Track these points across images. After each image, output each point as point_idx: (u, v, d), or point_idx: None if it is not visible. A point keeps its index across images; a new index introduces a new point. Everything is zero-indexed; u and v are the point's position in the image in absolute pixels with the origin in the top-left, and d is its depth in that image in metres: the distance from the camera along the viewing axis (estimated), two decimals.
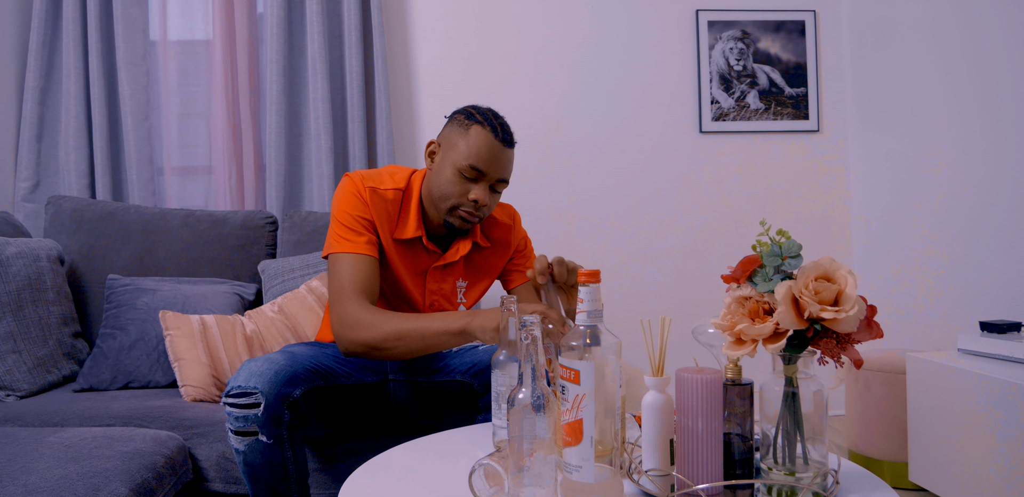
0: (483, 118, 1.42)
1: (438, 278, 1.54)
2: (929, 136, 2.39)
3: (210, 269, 2.14)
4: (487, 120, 1.42)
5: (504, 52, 2.74)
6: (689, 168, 2.84)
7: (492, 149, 1.40)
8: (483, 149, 1.40)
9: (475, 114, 1.43)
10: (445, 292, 1.55)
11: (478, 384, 1.43)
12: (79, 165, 2.44)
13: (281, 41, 2.52)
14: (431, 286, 1.54)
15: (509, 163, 1.43)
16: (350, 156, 2.56)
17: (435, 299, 1.54)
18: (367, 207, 1.43)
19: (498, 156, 1.40)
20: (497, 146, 1.40)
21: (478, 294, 1.61)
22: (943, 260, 2.33)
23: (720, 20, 2.85)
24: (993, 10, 2.10)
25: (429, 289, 1.53)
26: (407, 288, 1.50)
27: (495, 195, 1.46)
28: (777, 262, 0.90)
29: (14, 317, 1.78)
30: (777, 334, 0.89)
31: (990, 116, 2.12)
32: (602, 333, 0.89)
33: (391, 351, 1.30)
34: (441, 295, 1.55)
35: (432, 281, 1.53)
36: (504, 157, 1.41)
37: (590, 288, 0.90)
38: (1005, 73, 2.06)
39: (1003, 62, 2.07)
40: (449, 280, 1.55)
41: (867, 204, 2.79)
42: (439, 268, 1.53)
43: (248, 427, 1.26)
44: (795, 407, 0.93)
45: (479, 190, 1.41)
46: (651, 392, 0.96)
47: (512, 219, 1.64)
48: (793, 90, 2.88)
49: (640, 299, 2.80)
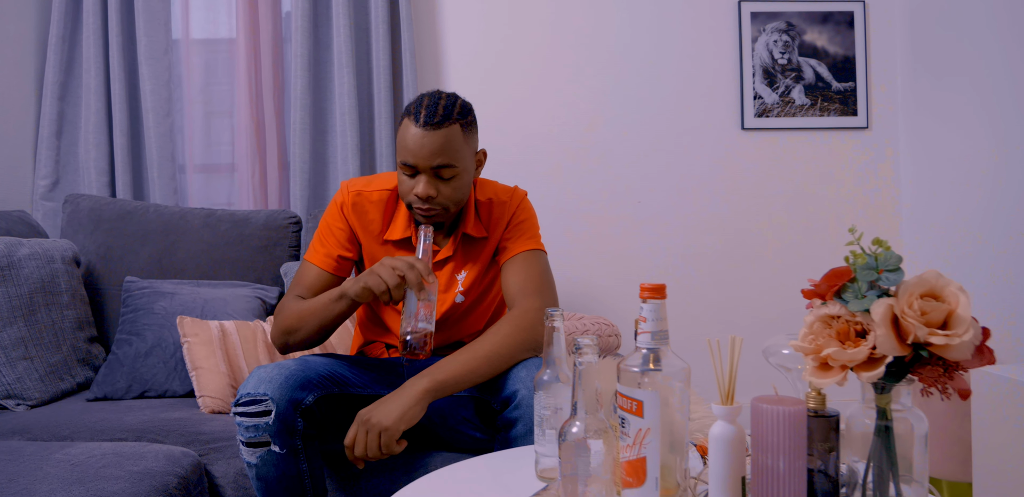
0: (412, 107, 1.34)
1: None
2: (990, 134, 2.24)
3: (231, 271, 2.05)
4: (414, 108, 1.33)
5: (536, 45, 2.62)
6: (729, 167, 2.70)
7: (414, 138, 1.30)
8: (407, 141, 1.31)
9: (410, 105, 1.36)
10: (442, 286, 1.47)
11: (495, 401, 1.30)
12: (99, 162, 2.37)
13: (306, 34, 2.42)
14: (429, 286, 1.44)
15: (439, 147, 1.30)
16: (377, 154, 2.46)
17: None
18: (344, 217, 1.46)
19: (422, 143, 1.29)
20: (418, 133, 1.30)
21: (477, 282, 1.48)
22: (1004, 266, 2.18)
23: (764, 11, 2.71)
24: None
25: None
26: None
27: (447, 183, 1.34)
28: (872, 276, 0.78)
29: (26, 322, 1.70)
30: (872, 360, 0.76)
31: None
32: (668, 357, 0.78)
33: (299, 333, 1.33)
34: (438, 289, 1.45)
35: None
36: (429, 142, 1.29)
37: (654, 305, 0.78)
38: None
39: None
40: (445, 273, 1.47)
41: (919, 205, 2.64)
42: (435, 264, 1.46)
43: (260, 437, 1.18)
44: (888, 443, 0.81)
45: (419, 184, 1.33)
46: (720, 423, 0.84)
47: (510, 196, 1.50)
48: (841, 85, 2.73)
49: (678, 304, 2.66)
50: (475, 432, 1.37)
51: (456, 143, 1.32)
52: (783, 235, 2.70)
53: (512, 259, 1.43)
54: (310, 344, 1.35)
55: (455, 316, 1.48)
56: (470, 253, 1.48)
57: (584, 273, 2.63)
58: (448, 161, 1.31)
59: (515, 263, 1.42)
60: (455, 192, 1.35)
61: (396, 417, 1.15)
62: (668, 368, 0.77)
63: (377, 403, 1.18)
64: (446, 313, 1.46)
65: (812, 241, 2.71)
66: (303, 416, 1.20)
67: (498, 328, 1.28)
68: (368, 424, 1.15)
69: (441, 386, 1.20)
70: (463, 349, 1.26)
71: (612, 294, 2.65)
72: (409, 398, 1.17)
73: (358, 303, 1.27)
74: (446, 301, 1.46)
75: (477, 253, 1.48)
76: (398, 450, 1.16)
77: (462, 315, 1.49)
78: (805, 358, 0.83)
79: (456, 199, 1.36)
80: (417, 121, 1.30)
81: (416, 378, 1.21)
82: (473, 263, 1.47)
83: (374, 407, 1.17)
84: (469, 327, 1.52)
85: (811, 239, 2.71)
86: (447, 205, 1.35)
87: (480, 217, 1.48)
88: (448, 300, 1.46)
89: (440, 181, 1.33)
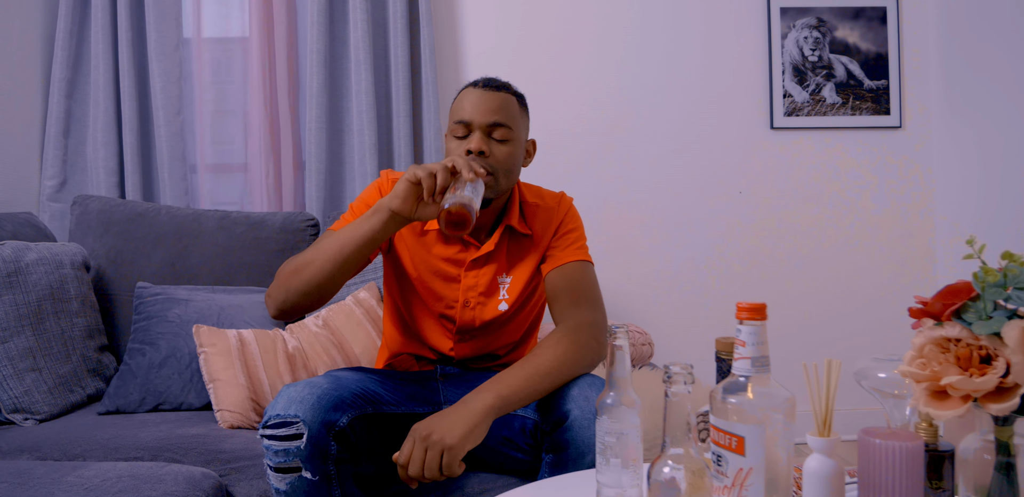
0: (470, 83, 1.38)
1: (475, 273, 1.37)
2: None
3: (247, 276, 1.96)
4: (473, 81, 1.38)
5: (558, 43, 2.53)
6: (758, 167, 2.61)
7: (472, 96, 1.33)
8: (464, 101, 1.34)
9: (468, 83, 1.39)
10: (483, 288, 1.38)
11: (545, 421, 1.22)
12: (108, 162, 2.28)
13: (322, 29, 2.33)
14: (467, 281, 1.37)
15: (497, 105, 1.32)
16: (395, 153, 2.37)
17: (471, 296, 1.37)
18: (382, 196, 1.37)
19: (480, 100, 1.32)
20: (477, 92, 1.33)
21: (523, 290, 1.40)
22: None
23: (793, 6, 2.62)
24: None
25: (465, 284, 1.37)
26: (438, 285, 1.36)
27: (500, 146, 1.32)
28: (1001, 295, 0.69)
29: (33, 331, 1.60)
30: (1002, 390, 0.68)
31: None
32: (770, 386, 0.69)
33: (311, 267, 1.21)
34: (479, 291, 1.37)
35: (469, 276, 1.37)
36: (487, 99, 1.32)
37: (753, 328, 0.69)
38: None
39: None
40: (488, 274, 1.38)
41: (955, 208, 2.55)
42: (476, 261, 1.37)
43: (290, 462, 1.08)
44: (1010, 480, 0.72)
45: (473, 140, 1.30)
46: (816, 456, 0.75)
47: (558, 202, 1.45)
48: (873, 83, 2.64)
49: (703, 309, 2.58)
50: (516, 453, 1.28)
51: (513, 110, 1.34)
52: (812, 238, 2.61)
53: (560, 269, 1.35)
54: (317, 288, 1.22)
55: (494, 325, 1.40)
56: (514, 254, 1.40)
57: (607, 276, 2.52)
58: (504, 120, 1.31)
59: (564, 273, 1.34)
60: (507, 157, 1.32)
61: (461, 435, 1.05)
62: (771, 399, 0.68)
63: (436, 418, 1.08)
64: (486, 323, 1.38)
65: (843, 244, 2.62)
66: (336, 439, 1.11)
67: (555, 342, 1.20)
68: (428, 441, 1.05)
69: (505, 403, 1.10)
70: (522, 364, 1.17)
71: (636, 299, 2.56)
72: (474, 414, 1.07)
73: (393, 220, 1.17)
74: (488, 310, 1.38)
75: (521, 256, 1.40)
76: (459, 472, 1.06)
77: (501, 324, 1.41)
78: (915, 385, 0.74)
79: (507, 166, 1.32)
80: (476, 85, 1.35)
81: (479, 392, 1.11)
82: (518, 267, 1.39)
83: (434, 422, 1.07)
84: (505, 338, 1.43)
85: (842, 242, 2.62)
86: (498, 169, 1.31)
87: (525, 218, 1.41)
88: (490, 309, 1.38)
89: (493, 141, 1.31)
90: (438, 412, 1.10)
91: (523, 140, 1.38)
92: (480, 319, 1.38)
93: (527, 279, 1.39)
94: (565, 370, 1.17)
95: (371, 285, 1.84)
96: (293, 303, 1.25)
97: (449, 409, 1.10)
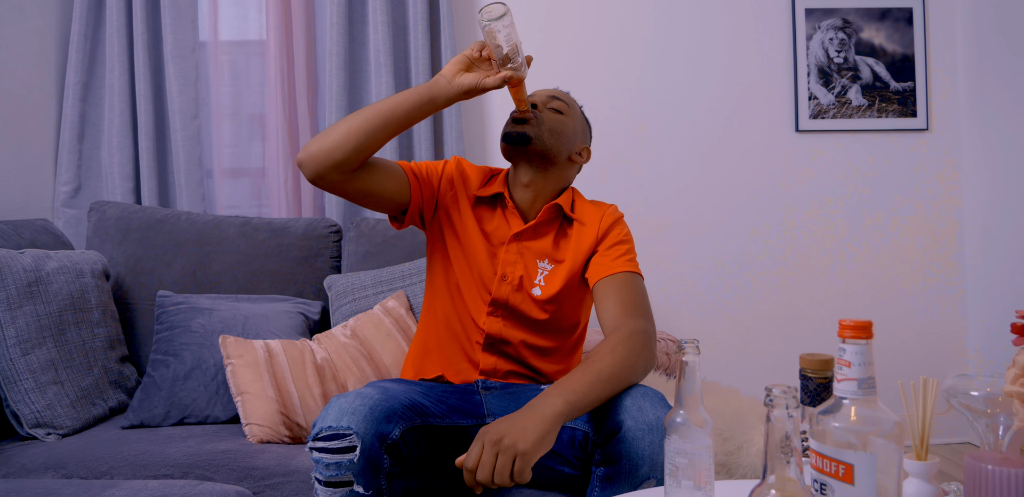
0: None
1: (517, 249, 1.36)
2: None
3: (270, 284, 1.91)
4: None
5: (579, 44, 2.49)
6: (783, 170, 2.57)
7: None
8: None
9: None
10: (521, 267, 1.35)
11: (597, 433, 1.17)
12: (123, 167, 2.23)
13: (341, 31, 2.29)
14: (507, 257, 1.35)
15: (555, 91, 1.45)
16: (416, 158, 2.33)
17: (508, 270, 1.35)
18: (443, 165, 1.43)
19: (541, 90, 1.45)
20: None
21: (560, 285, 1.35)
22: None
23: (819, 7, 2.58)
24: None
25: (504, 259, 1.34)
26: (480, 257, 1.37)
27: (554, 113, 1.39)
28: None
29: (55, 342, 1.56)
30: None
31: None
32: (879, 410, 0.64)
33: (354, 120, 1.23)
34: (517, 267, 1.35)
35: (510, 252, 1.35)
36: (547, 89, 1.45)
37: (859, 347, 0.64)
38: None
39: None
40: (529, 255, 1.36)
41: (983, 212, 2.50)
42: (518, 235, 1.37)
43: (342, 476, 1.04)
44: None
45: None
46: (913, 480, 0.71)
47: (609, 210, 1.44)
48: (899, 84, 2.59)
49: (729, 315, 2.53)
50: (564, 467, 1.23)
51: (570, 101, 1.44)
52: (839, 241, 2.57)
53: (611, 278, 1.30)
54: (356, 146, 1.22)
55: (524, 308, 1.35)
56: (559, 244, 1.38)
57: None
58: (562, 98, 1.41)
59: (615, 282, 1.30)
60: (557, 124, 1.37)
61: (535, 440, 1.00)
62: (881, 424, 0.63)
63: (505, 422, 1.03)
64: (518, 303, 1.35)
65: (869, 248, 2.57)
66: (388, 452, 1.06)
67: (611, 349, 1.15)
68: (500, 445, 1.00)
69: (573, 408, 1.06)
70: (583, 369, 1.12)
71: (661, 305, 2.51)
72: (546, 420, 1.02)
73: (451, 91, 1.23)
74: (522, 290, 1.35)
75: (564, 248, 1.37)
76: (528, 479, 1.01)
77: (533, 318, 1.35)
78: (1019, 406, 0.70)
79: (556, 129, 1.36)
80: None
81: (546, 397, 1.06)
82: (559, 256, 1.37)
83: (504, 426, 1.02)
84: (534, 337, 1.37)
85: (868, 245, 2.57)
86: (544, 121, 1.36)
87: (574, 209, 1.41)
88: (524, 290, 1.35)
89: (548, 111, 1.38)
90: (505, 416, 1.06)
91: (576, 124, 1.43)
92: (513, 297, 1.35)
93: (566, 275, 1.35)
94: (623, 377, 1.13)
95: (399, 293, 1.79)
96: (328, 160, 1.23)
97: (517, 413, 1.05)
